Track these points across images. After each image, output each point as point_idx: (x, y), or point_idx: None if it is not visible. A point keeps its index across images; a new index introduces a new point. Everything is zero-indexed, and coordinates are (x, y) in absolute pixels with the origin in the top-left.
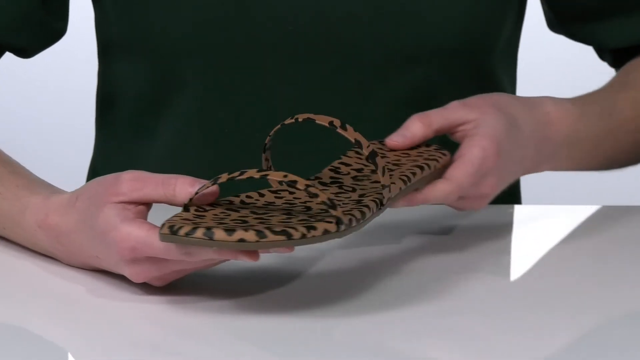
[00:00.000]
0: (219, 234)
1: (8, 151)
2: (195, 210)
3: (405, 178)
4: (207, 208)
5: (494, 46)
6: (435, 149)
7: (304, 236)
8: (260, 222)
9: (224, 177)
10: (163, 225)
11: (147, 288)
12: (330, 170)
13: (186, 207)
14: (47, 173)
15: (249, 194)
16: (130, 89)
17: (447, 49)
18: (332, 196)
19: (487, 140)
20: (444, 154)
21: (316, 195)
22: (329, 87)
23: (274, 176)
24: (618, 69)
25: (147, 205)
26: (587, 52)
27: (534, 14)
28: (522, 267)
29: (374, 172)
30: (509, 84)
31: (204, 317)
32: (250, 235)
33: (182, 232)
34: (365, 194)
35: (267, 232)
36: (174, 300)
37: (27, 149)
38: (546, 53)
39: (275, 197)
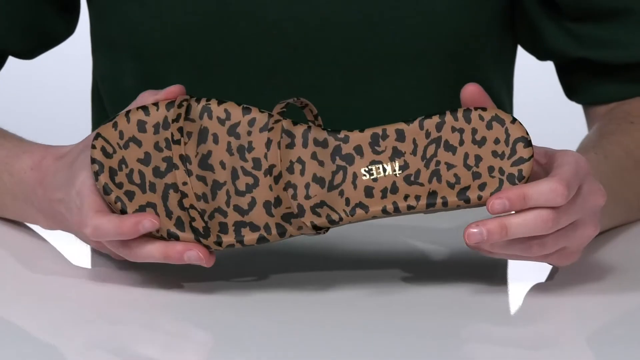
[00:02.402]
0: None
1: None
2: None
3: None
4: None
5: (482, 51)
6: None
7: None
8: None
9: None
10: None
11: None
12: (375, 133)
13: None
14: None
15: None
16: (116, 85)
17: (430, 52)
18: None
19: (577, 156)
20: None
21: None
22: (312, 91)
23: (230, 105)
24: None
25: None
26: None
27: None
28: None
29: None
30: (504, 91)
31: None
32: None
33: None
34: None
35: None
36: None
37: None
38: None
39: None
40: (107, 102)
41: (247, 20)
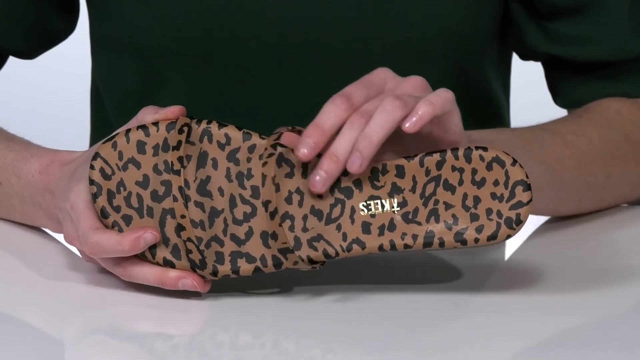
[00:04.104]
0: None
1: None
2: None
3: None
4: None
5: (483, 51)
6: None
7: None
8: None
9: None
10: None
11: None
12: (375, 167)
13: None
14: None
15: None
16: (117, 85)
17: (432, 53)
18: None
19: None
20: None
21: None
22: (313, 91)
23: (231, 129)
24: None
25: None
26: None
27: None
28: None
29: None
30: (501, 92)
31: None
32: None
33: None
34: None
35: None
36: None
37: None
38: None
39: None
40: (107, 102)
41: (248, 19)
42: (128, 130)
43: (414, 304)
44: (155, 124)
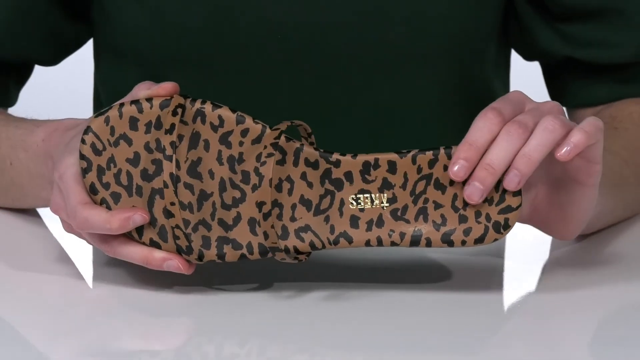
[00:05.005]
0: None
1: None
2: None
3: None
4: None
5: (484, 51)
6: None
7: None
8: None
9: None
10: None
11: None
12: (366, 163)
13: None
14: None
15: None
16: (120, 91)
17: (432, 53)
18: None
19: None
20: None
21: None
22: (315, 94)
23: (224, 111)
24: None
25: None
26: None
27: None
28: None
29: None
30: (502, 91)
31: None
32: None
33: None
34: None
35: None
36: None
37: None
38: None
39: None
40: (108, 105)
41: (250, 24)
42: (122, 105)
43: (404, 304)
44: (149, 100)
